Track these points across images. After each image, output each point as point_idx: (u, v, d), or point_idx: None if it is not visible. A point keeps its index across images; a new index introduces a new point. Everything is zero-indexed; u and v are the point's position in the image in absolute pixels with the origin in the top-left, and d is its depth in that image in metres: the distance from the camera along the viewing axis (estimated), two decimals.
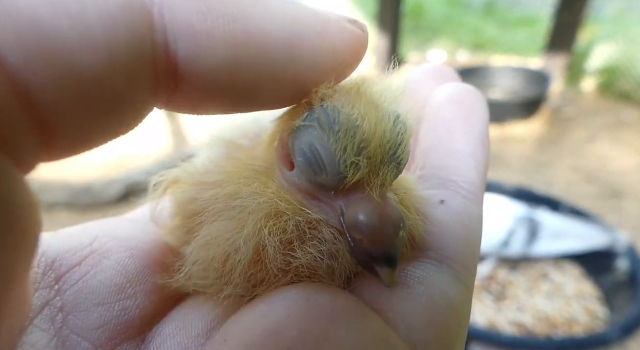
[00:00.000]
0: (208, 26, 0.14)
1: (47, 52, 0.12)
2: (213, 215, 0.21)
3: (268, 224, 0.19)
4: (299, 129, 0.18)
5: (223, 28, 0.15)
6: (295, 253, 0.19)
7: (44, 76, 0.12)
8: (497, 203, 1.32)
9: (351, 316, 0.16)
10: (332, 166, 0.17)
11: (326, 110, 0.18)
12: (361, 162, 0.17)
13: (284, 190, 0.20)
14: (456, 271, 0.19)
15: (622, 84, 2.48)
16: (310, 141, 0.18)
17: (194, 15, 0.14)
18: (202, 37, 0.14)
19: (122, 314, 0.19)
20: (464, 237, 0.20)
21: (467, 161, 0.23)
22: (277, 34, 0.16)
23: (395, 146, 0.18)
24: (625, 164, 1.89)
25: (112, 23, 0.13)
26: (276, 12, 0.16)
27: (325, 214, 0.19)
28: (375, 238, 0.17)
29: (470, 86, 0.27)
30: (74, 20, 0.12)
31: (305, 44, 0.16)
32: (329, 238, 0.19)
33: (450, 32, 3.74)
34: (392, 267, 0.17)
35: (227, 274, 0.19)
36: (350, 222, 0.18)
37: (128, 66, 0.13)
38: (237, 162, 0.23)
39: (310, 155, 0.18)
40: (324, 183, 0.18)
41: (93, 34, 0.12)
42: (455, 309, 0.18)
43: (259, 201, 0.20)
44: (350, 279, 0.19)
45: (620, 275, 1.19)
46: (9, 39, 0.11)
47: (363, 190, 0.18)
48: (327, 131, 0.17)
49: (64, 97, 0.12)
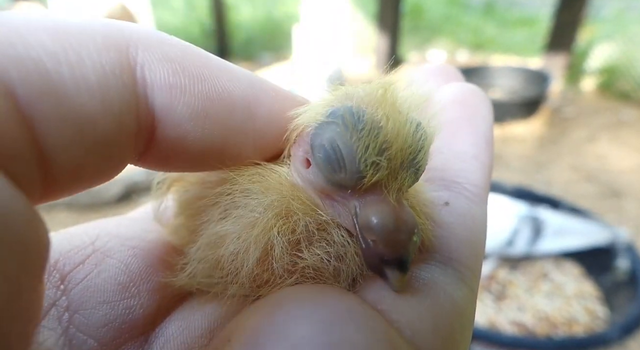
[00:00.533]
0: (181, 83, 0.17)
1: (50, 92, 0.14)
2: (220, 213, 0.21)
3: (278, 224, 0.19)
4: (321, 126, 0.18)
5: (194, 85, 0.17)
6: (302, 254, 0.19)
7: (47, 112, 0.14)
8: (501, 203, 1.33)
9: (357, 318, 0.16)
10: (352, 164, 0.17)
11: (351, 109, 0.18)
12: (382, 162, 0.17)
13: (297, 188, 0.20)
14: (461, 273, 0.19)
15: (622, 84, 2.48)
16: (332, 138, 0.18)
17: (170, 74, 0.17)
18: (176, 91, 0.17)
19: (127, 313, 0.20)
20: (469, 240, 0.20)
21: (471, 163, 0.23)
22: (239, 94, 0.19)
23: (415, 152, 0.18)
24: (624, 163, 1.89)
25: (104, 73, 0.15)
26: (238, 77, 0.19)
27: (338, 213, 0.19)
28: (389, 241, 0.17)
29: (474, 86, 0.27)
30: (73, 69, 0.14)
31: (262, 105, 0.19)
32: (337, 240, 0.19)
33: (450, 32, 3.74)
34: (403, 272, 0.17)
35: (233, 273, 0.19)
36: (364, 223, 0.18)
37: (117, 110, 0.15)
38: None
39: (331, 151, 0.18)
40: (342, 181, 0.18)
41: (89, 80, 0.15)
42: (460, 312, 0.18)
43: (272, 199, 0.19)
44: (355, 280, 0.19)
45: (621, 274, 1.19)
46: (20, 79, 0.13)
47: (380, 193, 0.18)
48: (350, 129, 0.17)
49: (62, 130, 0.14)
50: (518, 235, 1.26)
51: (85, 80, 0.15)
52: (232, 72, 0.19)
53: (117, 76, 0.15)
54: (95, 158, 0.16)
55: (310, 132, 0.19)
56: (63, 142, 0.14)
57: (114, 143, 0.16)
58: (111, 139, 0.16)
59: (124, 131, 0.16)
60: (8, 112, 0.13)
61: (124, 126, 0.16)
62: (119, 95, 0.15)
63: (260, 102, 0.19)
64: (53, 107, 0.14)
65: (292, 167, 0.21)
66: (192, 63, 0.18)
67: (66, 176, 0.15)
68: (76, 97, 0.14)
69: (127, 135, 0.16)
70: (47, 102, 0.14)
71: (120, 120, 0.16)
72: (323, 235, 0.19)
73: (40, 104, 0.14)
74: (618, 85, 2.50)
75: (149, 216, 0.25)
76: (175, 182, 0.24)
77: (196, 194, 0.23)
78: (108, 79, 0.15)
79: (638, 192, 1.67)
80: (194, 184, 0.23)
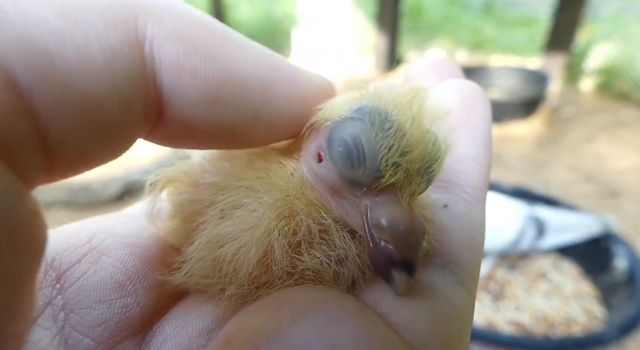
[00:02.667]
0: (192, 64, 0.16)
1: (54, 76, 0.13)
2: (221, 211, 0.20)
3: (280, 225, 0.19)
4: (345, 121, 0.18)
5: (206, 66, 0.16)
6: (302, 257, 0.19)
7: (51, 99, 0.13)
8: (507, 204, 1.33)
9: (357, 320, 0.16)
10: (373, 163, 0.17)
11: (378, 108, 0.18)
12: (403, 165, 0.17)
13: (305, 185, 0.20)
14: (459, 277, 0.19)
15: (621, 84, 2.48)
16: (356, 133, 0.17)
17: (181, 53, 0.16)
18: (186, 72, 0.16)
19: (123, 312, 0.20)
20: (467, 243, 0.20)
21: (469, 164, 0.23)
22: (255, 77, 0.17)
23: (433, 160, 0.18)
24: (623, 163, 1.89)
25: (112, 54, 0.14)
26: (255, 58, 0.18)
27: (346, 212, 0.19)
28: (401, 242, 0.17)
29: (472, 83, 0.26)
30: (79, 51, 0.13)
31: (279, 90, 0.18)
32: (339, 243, 0.19)
33: (449, 31, 3.74)
34: (410, 275, 0.17)
35: (232, 274, 0.19)
36: (377, 222, 0.17)
37: (125, 92, 0.15)
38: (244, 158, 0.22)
39: (353, 147, 0.17)
40: (358, 179, 0.18)
41: (95, 63, 0.14)
42: (459, 316, 0.18)
43: (275, 199, 0.19)
44: (355, 283, 0.19)
45: (619, 274, 1.19)
46: (21, 64, 0.12)
47: (395, 195, 0.18)
48: (376, 127, 0.17)
49: (66, 117, 0.13)
50: (524, 235, 1.27)
51: (92, 64, 0.14)
52: (250, 51, 0.17)
53: (125, 55, 0.14)
54: (101, 141, 0.15)
55: (330, 126, 0.19)
56: (68, 128, 0.14)
57: (121, 125, 0.15)
58: (118, 122, 0.15)
59: (132, 113, 0.15)
60: (8, 101, 0.12)
61: (132, 108, 0.15)
62: (127, 76, 0.15)
63: (278, 86, 0.18)
64: (57, 93, 0.13)
65: (302, 161, 0.20)
66: (205, 40, 0.16)
67: (72, 159, 0.15)
68: (82, 82, 0.13)
69: (134, 116, 0.15)
70: (51, 88, 0.13)
71: (128, 102, 0.15)
72: (324, 237, 0.19)
73: (43, 91, 0.13)
74: (617, 86, 2.50)
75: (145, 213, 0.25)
76: (169, 183, 0.24)
77: (191, 196, 0.22)
78: (116, 60, 0.14)
79: (636, 192, 1.67)
80: (188, 185, 0.23)
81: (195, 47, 0.16)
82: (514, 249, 1.29)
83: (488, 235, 0.22)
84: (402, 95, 0.18)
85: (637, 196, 1.65)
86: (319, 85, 0.20)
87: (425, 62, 0.29)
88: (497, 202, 1.33)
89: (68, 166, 0.15)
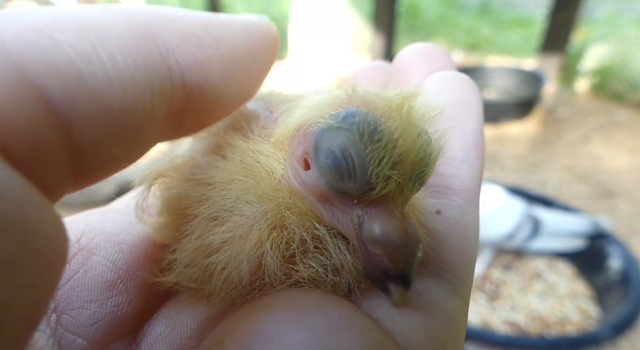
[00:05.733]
0: (206, 55, 0.18)
1: (86, 94, 0.14)
2: (210, 215, 0.20)
3: (271, 236, 0.18)
4: (331, 130, 0.17)
5: (214, 53, 0.18)
6: (296, 266, 0.19)
7: (83, 114, 0.14)
8: (507, 197, 1.33)
9: (352, 325, 0.16)
10: (363, 176, 0.17)
11: (367, 117, 0.17)
12: (394, 176, 0.17)
13: (293, 193, 0.19)
14: (453, 285, 0.19)
15: (616, 85, 2.49)
16: (345, 145, 0.17)
17: (196, 49, 0.18)
18: (206, 63, 0.18)
19: (115, 311, 0.19)
20: (461, 250, 0.20)
21: (462, 167, 0.23)
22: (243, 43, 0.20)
23: (424, 166, 0.18)
24: (618, 164, 1.90)
25: (136, 67, 0.16)
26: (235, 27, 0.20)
27: (338, 220, 0.18)
28: (395, 256, 0.16)
29: (462, 75, 0.26)
30: (106, 67, 0.15)
31: (259, 47, 0.20)
32: (333, 253, 0.19)
33: (445, 32, 3.75)
34: (406, 287, 0.17)
35: (222, 282, 0.19)
36: (370, 236, 0.17)
37: (149, 101, 0.16)
38: (236, 155, 0.21)
39: (341, 159, 0.17)
40: (348, 191, 0.17)
41: (122, 77, 0.15)
42: (453, 323, 0.18)
43: (265, 208, 0.19)
44: (351, 290, 0.19)
45: (613, 274, 1.20)
46: (55, 84, 0.14)
47: (387, 205, 0.17)
48: (365, 139, 0.16)
49: (97, 129, 0.15)
50: (520, 230, 1.28)
51: (119, 78, 0.15)
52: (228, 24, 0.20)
53: (149, 68, 0.16)
54: (127, 148, 0.16)
55: (315, 133, 0.18)
56: (98, 138, 0.15)
57: (145, 132, 0.17)
58: (143, 129, 0.16)
59: (155, 120, 0.17)
60: (42, 118, 0.13)
61: (155, 116, 0.17)
62: (152, 86, 0.16)
63: (258, 46, 0.20)
64: (89, 108, 0.14)
65: (287, 165, 0.20)
66: (207, 31, 0.18)
67: (99, 167, 0.16)
68: (110, 95, 0.15)
69: (157, 122, 0.17)
70: (83, 104, 0.14)
71: (153, 110, 0.16)
72: (318, 246, 0.19)
73: (76, 107, 0.14)
74: (612, 87, 2.51)
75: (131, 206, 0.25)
76: (159, 177, 0.23)
77: (181, 192, 0.22)
78: (140, 72, 0.16)
79: (631, 193, 1.68)
80: (178, 180, 0.22)
81: (199, 40, 0.18)
82: (507, 243, 1.30)
83: (484, 225, 0.22)
84: (391, 100, 0.18)
85: (631, 196, 1.66)
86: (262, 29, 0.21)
87: (414, 48, 0.28)
88: (497, 193, 1.33)
89: (95, 173, 0.16)
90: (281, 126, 0.21)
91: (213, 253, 0.19)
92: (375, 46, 2.94)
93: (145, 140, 0.17)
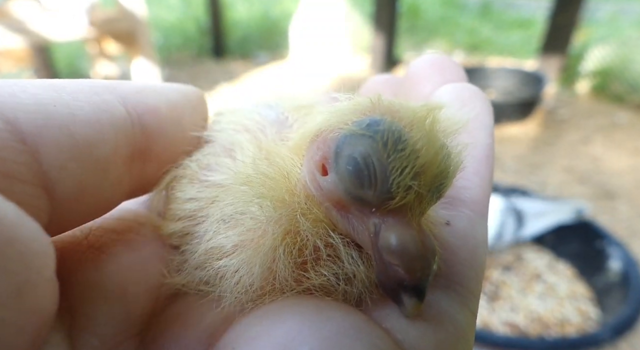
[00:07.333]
0: (156, 102, 0.21)
1: (48, 123, 0.16)
2: (219, 218, 0.20)
3: (285, 242, 0.18)
4: (354, 136, 0.17)
5: (161, 101, 0.22)
6: (307, 273, 0.18)
7: (47, 137, 0.16)
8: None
9: (363, 334, 0.16)
10: (384, 184, 0.16)
11: (392, 127, 0.17)
12: (414, 187, 0.16)
13: (309, 199, 0.19)
14: (463, 297, 0.19)
15: (616, 87, 2.49)
16: (368, 153, 0.16)
17: (148, 99, 0.21)
18: (157, 109, 0.21)
19: (125, 311, 0.19)
20: (470, 262, 0.20)
21: (472, 179, 0.23)
22: (179, 97, 0.23)
23: (444, 178, 0.17)
24: (618, 165, 1.90)
25: (96, 107, 0.18)
26: (168, 86, 0.23)
27: (353, 227, 0.18)
28: (412, 266, 0.16)
29: (473, 87, 0.26)
30: (69, 105, 0.17)
31: (192, 99, 0.24)
32: (346, 262, 0.18)
33: (446, 32, 3.75)
34: (420, 299, 0.17)
35: (233, 284, 0.19)
36: (387, 245, 0.17)
37: (112, 136, 0.18)
38: (249, 157, 0.21)
39: (363, 166, 0.16)
40: (366, 199, 0.17)
41: (84, 114, 0.18)
42: (463, 335, 0.18)
43: (280, 214, 0.18)
44: (361, 300, 0.19)
45: (613, 276, 1.20)
46: (22, 117, 0.16)
47: (404, 215, 0.17)
48: (389, 148, 0.16)
49: (60, 150, 0.17)
50: (505, 227, 1.29)
51: (81, 114, 0.17)
52: (164, 85, 0.24)
53: (110, 110, 0.19)
54: (95, 180, 0.18)
55: (337, 139, 0.17)
56: (64, 163, 0.17)
57: (112, 166, 0.18)
58: (109, 162, 0.18)
59: (120, 156, 0.19)
60: (13, 145, 0.15)
61: (120, 153, 0.19)
62: (114, 124, 0.19)
63: (190, 98, 0.24)
64: (53, 136, 0.16)
65: (304, 169, 0.19)
66: (152, 87, 0.22)
67: (71, 203, 0.17)
68: (73, 128, 0.17)
69: (122, 159, 0.19)
70: (48, 133, 0.16)
71: (117, 148, 0.19)
72: (331, 254, 0.19)
73: (41, 135, 0.16)
74: (612, 88, 2.51)
75: (141, 207, 0.24)
76: (172, 179, 0.23)
77: (192, 194, 0.22)
78: (102, 112, 0.18)
79: (631, 194, 1.68)
80: (191, 182, 0.22)
81: (149, 92, 0.21)
82: (499, 244, 1.30)
83: None
84: (415, 111, 0.17)
85: (631, 198, 1.66)
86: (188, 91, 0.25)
87: (427, 59, 0.28)
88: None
89: (70, 213, 0.18)
90: (299, 131, 0.21)
91: (225, 256, 0.19)
92: (376, 46, 2.94)
93: (114, 176, 0.19)
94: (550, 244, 1.36)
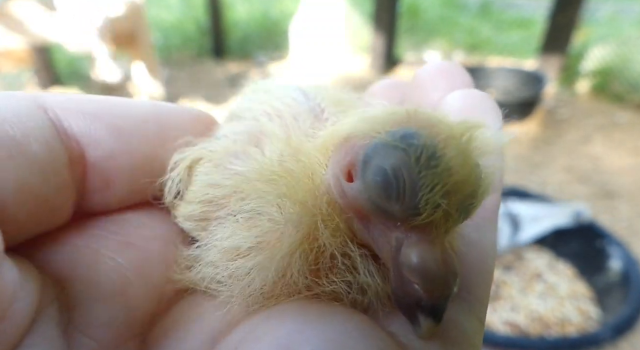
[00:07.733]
0: (97, 128, 0.21)
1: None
2: (237, 211, 0.19)
3: (301, 248, 0.18)
4: (386, 147, 0.16)
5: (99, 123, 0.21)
6: (320, 280, 0.18)
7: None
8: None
9: (366, 336, 0.16)
10: (412, 200, 0.16)
11: (427, 141, 0.16)
12: (443, 205, 0.16)
13: (331, 204, 0.18)
14: (471, 305, 0.19)
15: (616, 86, 2.49)
16: (398, 165, 0.16)
17: (89, 123, 0.20)
18: (92, 130, 0.21)
19: (127, 311, 0.19)
20: (479, 270, 0.20)
21: None
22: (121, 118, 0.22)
23: (473, 199, 0.17)
24: (618, 165, 1.90)
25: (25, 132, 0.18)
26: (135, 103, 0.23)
27: (373, 239, 0.18)
28: (431, 287, 0.16)
29: (482, 93, 0.25)
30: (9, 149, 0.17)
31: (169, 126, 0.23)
32: (362, 273, 0.18)
33: (446, 32, 3.75)
34: (437, 321, 0.16)
35: (245, 285, 0.19)
36: (408, 262, 0.16)
37: (45, 157, 0.18)
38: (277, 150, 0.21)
39: (392, 179, 0.16)
40: (392, 212, 0.16)
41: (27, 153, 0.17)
42: (470, 343, 0.18)
43: (300, 218, 0.18)
44: (369, 308, 0.19)
45: (613, 275, 1.20)
46: None
47: (430, 233, 0.16)
48: (421, 163, 0.16)
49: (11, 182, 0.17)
50: (500, 233, 1.28)
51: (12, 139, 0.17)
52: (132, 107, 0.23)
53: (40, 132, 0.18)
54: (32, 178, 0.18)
55: (367, 146, 0.17)
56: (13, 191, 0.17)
57: (47, 164, 0.18)
58: (44, 161, 0.18)
59: (55, 156, 0.19)
60: None
61: (59, 178, 0.19)
62: (45, 142, 0.18)
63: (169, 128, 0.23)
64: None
65: (329, 172, 0.19)
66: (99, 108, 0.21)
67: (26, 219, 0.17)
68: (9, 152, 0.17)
69: (60, 160, 0.19)
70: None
71: (52, 164, 0.18)
72: (347, 263, 0.18)
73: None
74: (612, 88, 2.51)
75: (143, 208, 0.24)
76: (195, 162, 0.22)
77: (217, 180, 0.21)
78: (30, 134, 0.18)
79: (631, 193, 1.68)
80: (216, 166, 0.22)
81: (94, 115, 0.21)
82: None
83: None
84: (452, 127, 0.17)
85: (631, 197, 1.66)
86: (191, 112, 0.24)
87: (434, 66, 0.28)
88: None
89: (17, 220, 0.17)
90: (330, 130, 0.20)
91: (240, 257, 0.19)
92: (376, 46, 2.94)
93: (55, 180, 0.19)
94: (551, 243, 1.36)
